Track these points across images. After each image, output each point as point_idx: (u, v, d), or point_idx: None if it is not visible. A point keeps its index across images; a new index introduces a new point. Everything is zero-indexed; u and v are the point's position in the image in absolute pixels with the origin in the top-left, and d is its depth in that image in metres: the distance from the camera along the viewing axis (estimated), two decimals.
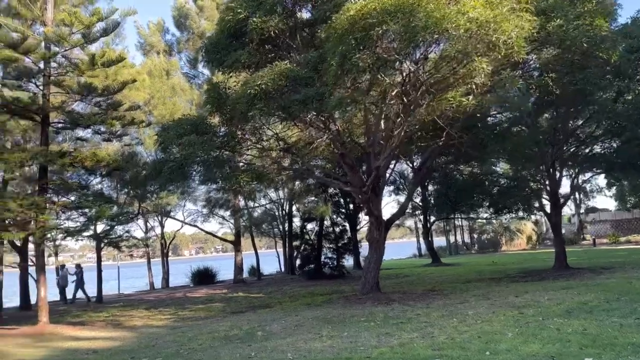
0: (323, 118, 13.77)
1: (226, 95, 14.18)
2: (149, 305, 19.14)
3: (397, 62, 10.45)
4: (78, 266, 24.49)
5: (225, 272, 32.23)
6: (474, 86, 9.81)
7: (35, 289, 18.44)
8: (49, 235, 14.27)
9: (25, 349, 11.12)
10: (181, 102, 23.27)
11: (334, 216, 27.12)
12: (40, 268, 14.48)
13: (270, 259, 36.95)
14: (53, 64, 14.42)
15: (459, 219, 44.10)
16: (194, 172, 20.18)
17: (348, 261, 28.93)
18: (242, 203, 27.95)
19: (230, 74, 14.21)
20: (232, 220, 28.29)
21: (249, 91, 10.85)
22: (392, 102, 11.86)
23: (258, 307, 15.98)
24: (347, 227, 28.08)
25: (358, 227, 30.67)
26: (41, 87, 14.43)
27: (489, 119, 17.61)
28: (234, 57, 12.63)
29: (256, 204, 29.04)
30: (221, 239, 32.10)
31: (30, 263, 18.93)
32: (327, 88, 10.94)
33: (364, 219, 31.51)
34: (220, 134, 14.91)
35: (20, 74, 13.48)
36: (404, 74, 11.17)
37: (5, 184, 17.31)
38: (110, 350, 10.16)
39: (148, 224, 30.31)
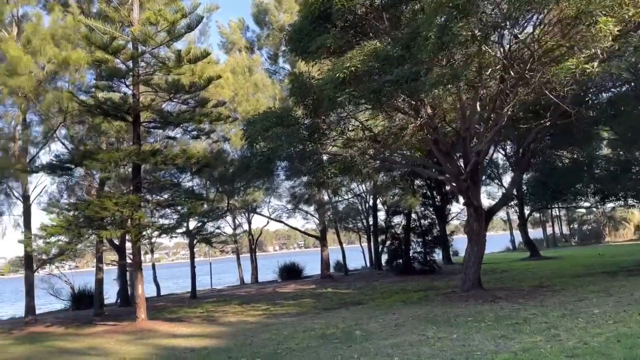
0: (414, 102, 12.85)
1: (310, 84, 13.64)
2: (241, 300, 19.17)
3: (505, 30, 9.27)
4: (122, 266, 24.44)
5: (311, 268, 32.03)
6: (598, 51, 8.45)
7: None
8: (144, 233, 14.50)
9: (126, 346, 11.23)
10: (264, 98, 23.18)
11: (422, 209, 25.90)
12: (137, 265, 14.78)
13: (354, 254, 36.30)
14: (141, 64, 14.63)
15: (557, 209, 40.98)
16: (279, 168, 20.08)
17: (438, 255, 27.60)
18: (326, 198, 27.51)
19: (315, 61, 13.64)
20: (317, 215, 27.94)
21: (337, 75, 10.17)
22: (496, 77, 10.66)
23: (350, 304, 15.36)
24: (436, 220, 26.75)
25: (447, 220, 29.18)
26: (131, 87, 14.69)
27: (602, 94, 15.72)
28: (319, 42, 12.00)
29: (340, 198, 28.46)
30: (307, 234, 31.91)
31: (128, 261, 19.59)
32: (421, 66, 10.00)
33: (453, 211, 30.03)
34: (305, 125, 14.43)
35: (111, 74, 13.76)
36: (511, 44, 9.95)
37: (102, 184, 17.98)
38: (207, 349, 9.93)
39: (236, 221, 30.79)
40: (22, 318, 18.19)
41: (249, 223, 31.88)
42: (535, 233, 45.99)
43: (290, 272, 29.77)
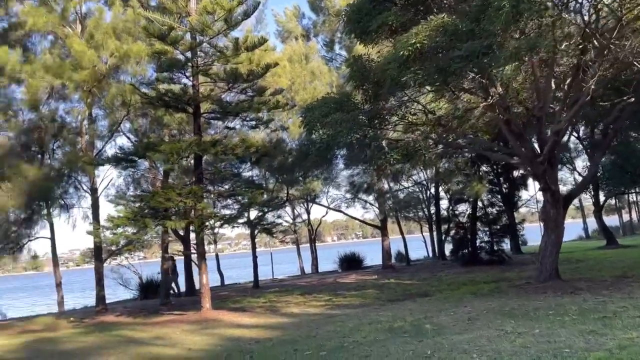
0: (483, 80, 12.00)
1: (370, 67, 13.09)
2: (302, 290, 18.99)
3: None
4: (170, 259, 24.51)
5: (370, 258, 31.53)
6: None
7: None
8: (207, 223, 14.53)
9: (192, 336, 11.23)
10: (321, 85, 22.80)
11: (489, 196, 24.72)
12: (201, 256, 14.85)
13: (414, 244, 35.37)
14: (200, 54, 14.59)
15: (635, 194, 38.21)
16: (338, 156, 19.70)
17: (506, 245, 26.31)
18: (386, 186, 26.86)
19: (374, 42, 13.04)
20: (377, 205, 27.35)
21: (401, 53, 9.56)
22: (575, 49, 9.69)
23: (416, 296, 14.77)
24: (503, 208, 25.48)
25: (516, 208, 27.73)
26: (190, 78, 14.69)
27: None
28: (379, 21, 11.40)
29: (401, 187, 27.71)
30: (367, 223, 31.42)
31: (192, 251, 19.87)
32: (493, 39, 9.21)
33: (523, 198, 28.54)
34: (365, 111, 13.90)
35: (171, 65, 13.79)
36: (594, 10, 8.97)
37: (166, 175, 18.25)
38: (272, 340, 9.71)
39: (295, 211, 30.75)
40: (94, 307, 18.90)
41: (308, 213, 31.78)
42: (609, 220, 43.20)
43: (351, 262, 29.39)
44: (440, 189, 27.97)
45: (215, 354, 8.93)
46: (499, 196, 25.22)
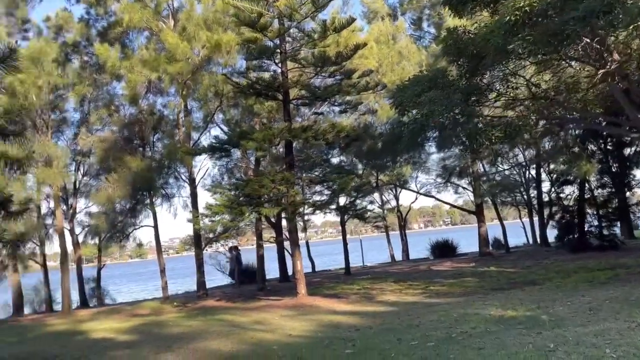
0: (598, 46, 10.74)
1: (467, 39, 12.20)
2: (396, 278, 18.51)
3: None
4: (235, 249, 23.70)
5: (463, 245, 30.22)
6: None
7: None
8: (299, 210, 14.49)
9: (290, 321, 11.20)
10: (409, 66, 21.95)
11: (597, 176, 22.62)
12: (294, 242, 14.86)
13: (511, 230, 33.39)
14: (287, 39, 14.47)
15: None
16: (430, 138, 18.81)
17: (617, 229, 24.01)
18: (481, 169, 25.48)
19: (472, 12, 12.11)
20: (471, 189, 26.04)
21: (507, 18, 8.71)
22: None
23: (522, 284, 13.75)
24: (614, 189, 23.23)
25: (630, 189, 25.17)
26: (279, 65, 14.63)
27: None
28: None
29: (499, 169, 26.14)
30: (462, 209, 30.15)
31: (285, 237, 20.09)
32: None
33: (637, 178, 25.85)
34: (461, 87, 13.04)
35: (261, 52, 13.78)
36: None
37: (257, 163, 18.50)
38: (372, 328, 9.36)
39: (383, 197, 30.18)
40: (195, 292, 19.72)
41: (397, 199, 31.06)
42: None
43: (443, 249, 28.34)
44: (542, 170, 26.06)
45: (316, 340, 8.75)
46: (610, 176, 23.01)
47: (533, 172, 26.90)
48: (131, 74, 16.10)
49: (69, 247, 20.74)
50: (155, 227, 18.55)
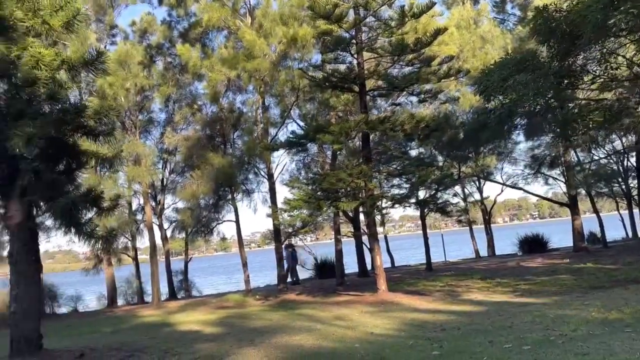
0: None
1: (559, 17, 11.21)
2: (482, 274, 17.59)
3: None
4: (290, 246, 23.37)
5: (554, 240, 28.23)
6: None
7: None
8: (378, 204, 14.12)
9: (372, 318, 10.90)
10: (493, 50, 20.77)
11: None
12: (373, 237, 14.51)
13: (608, 223, 30.74)
14: (363, 29, 14.10)
15: None
16: (519, 126, 17.66)
17: None
18: (575, 159, 23.64)
19: None
20: (564, 180, 24.21)
21: None
22: None
23: (625, 282, 12.49)
24: None
25: None
26: (355, 56, 14.30)
27: None
28: None
29: (594, 157, 24.13)
30: (554, 201, 28.21)
31: (363, 232, 19.80)
32: None
33: None
34: (553, 70, 12.02)
35: (337, 43, 13.52)
36: None
37: (334, 157, 18.34)
38: (459, 328, 8.83)
39: (465, 190, 28.98)
40: (275, 286, 19.96)
41: (480, 192, 29.69)
42: None
43: (533, 244, 26.65)
44: None
45: (400, 340, 8.39)
46: None
47: (633, 160, 24.59)
48: (212, 73, 16.51)
49: (158, 242, 21.74)
50: (237, 221, 18.95)
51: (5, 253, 17.69)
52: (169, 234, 23.38)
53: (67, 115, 9.20)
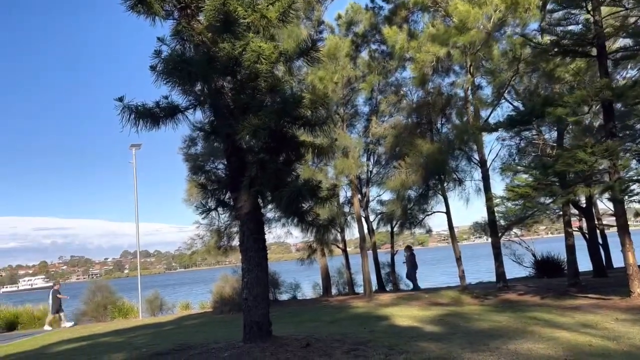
0: None
1: None
2: None
3: None
4: (408, 249, 21.96)
5: None
6: None
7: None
8: (632, 188, 11.55)
9: (634, 328, 8.77)
10: None
11: None
12: (623, 229, 11.94)
13: None
14: None
15: None
16: None
17: None
18: None
19: None
20: None
21: None
22: None
23: None
24: None
25: None
26: (591, 12, 11.92)
27: None
28: None
29: None
30: None
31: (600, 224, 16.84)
32: None
33: None
34: None
35: (568, 2, 11.39)
36: None
37: (560, 137, 15.90)
38: None
39: None
40: (493, 283, 18.23)
41: None
42: None
43: None
44: None
45: None
46: None
47: None
48: (419, 54, 15.61)
49: (365, 234, 21.72)
50: (448, 212, 17.76)
51: (235, 243, 19.66)
52: (374, 226, 23.31)
53: (287, 106, 9.26)
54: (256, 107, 9.03)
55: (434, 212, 19.64)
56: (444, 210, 18.07)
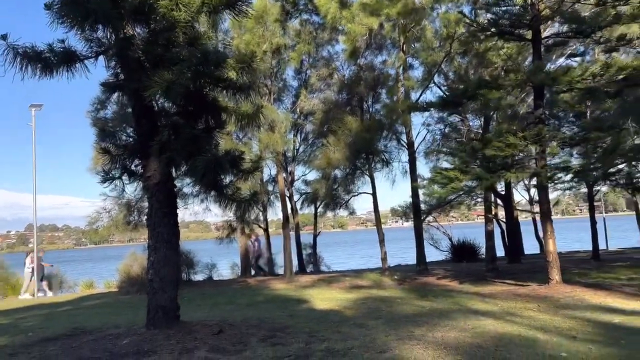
0: None
1: None
2: None
3: None
4: (249, 236, 22.06)
5: None
6: None
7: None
8: (558, 175, 11.58)
9: (557, 317, 8.64)
10: None
11: None
12: (546, 216, 12.02)
13: None
14: None
15: None
16: None
17: None
18: None
19: None
20: None
21: None
22: None
23: None
24: None
25: None
26: None
27: None
28: None
29: None
30: None
31: (520, 209, 17.17)
32: None
33: None
34: None
35: None
36: None
37: (486, 122, 15.93)
38: None
39: None
40: (408, 266, 18.19)
41: None
42: None
43: None
44: None
45: (619, 350, 6.17)
46: None
47: None
48: (351, 25, 14.84)
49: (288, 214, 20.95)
50: (374, 194, 17.38)
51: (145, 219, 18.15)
52: (298, 206, 22.60)
53: (208, 63, 8.12)
54: (170, 60, 7.83)
55: (360, 194, 19.22)
56: (370, 191, 17.66)
